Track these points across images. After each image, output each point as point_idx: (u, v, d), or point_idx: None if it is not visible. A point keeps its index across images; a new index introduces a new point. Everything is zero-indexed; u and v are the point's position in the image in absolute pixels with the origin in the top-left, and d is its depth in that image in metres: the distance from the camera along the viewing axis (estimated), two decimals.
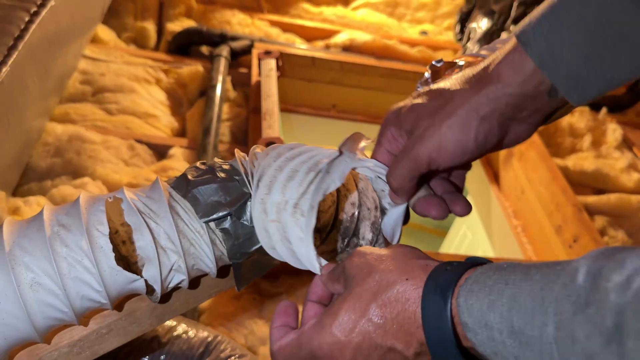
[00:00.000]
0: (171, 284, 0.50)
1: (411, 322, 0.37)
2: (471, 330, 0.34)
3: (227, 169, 0.51)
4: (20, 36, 1.11)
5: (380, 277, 0.39)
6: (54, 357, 0.53)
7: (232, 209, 0.48)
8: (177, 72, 1.65)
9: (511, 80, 0.42)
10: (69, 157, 1.28)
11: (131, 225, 0.48)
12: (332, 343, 0.40)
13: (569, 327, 0.29)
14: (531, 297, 0.31)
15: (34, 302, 0.46)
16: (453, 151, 0.44)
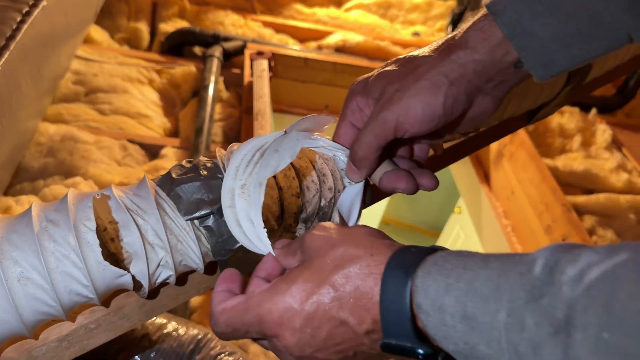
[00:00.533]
0: (159, 280, 0.50)
1: (368, 298, 0.36)
2: (424, 312, 0.33)
3: (210, 167, 0.51)
4: (12, 36, 1.11)
5: (344, 252, 0.38)
6: (43, 352, 0.53)
7: (214, 207, 0.49)
8: (170, 72, 1.66)
9: (479, 47, 0.42)
10: (61, 157, 1.29)
11: (119, 221, 0.49)
12: (284, 309, 0.38)
13: (520, 315, 0.29)
14: (487, 283, 0.31)
15: (22, 296, 0.46)
16: (422, 115, 0.43)
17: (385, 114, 0.44)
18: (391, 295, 0.35)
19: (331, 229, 0.41)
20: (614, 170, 1.78)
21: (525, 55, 0.41)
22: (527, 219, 1.61)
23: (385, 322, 0.35)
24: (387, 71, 0.46)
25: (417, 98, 0.43)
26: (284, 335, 0.39)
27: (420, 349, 0.34)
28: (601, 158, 1.85)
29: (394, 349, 0.36)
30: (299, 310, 0.38)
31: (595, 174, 1.74)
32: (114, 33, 1.84)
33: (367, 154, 0.46)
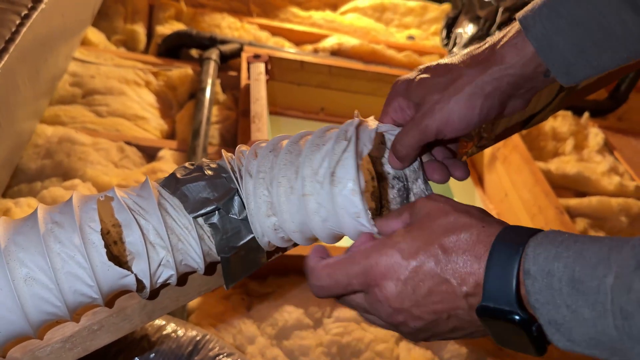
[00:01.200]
0: (160, 279, 0.51)
1: (475, 262, 0.38)
2: (531, 277, 0.35)
3: (214, 168, 0.53)
4: (11, 39, 1.12)
5: (456, 219, 0.41)
6: (47, 353, 0.54)
7: (219, 203, 0.50)
8: (167, 74, 1.67)
9: (514, 62, 0.47)
10: (59, 159, 1.29)
11: (121, 221, 0.50)
12: (392, 261, 0.40)
13: (628, 278, 0.31)
14: (597, 254, 0.33)
15: (28, 296, 0.47)
16: (459, 124, 0.48)
17: (428, 122, 0.49)
18: (500, 260, 0.37)
19: (443, 199, 0.44)
20: (606, 174, 1.81)
21: (552, 65, 0.46)
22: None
23: (488, 286, 0.37)
24: (428, 79, 0.50)
25: (455, 110, 0.48)
26: (386, 285, 0.41)
27: (518, 314, 0.36)
28: (593, 161, 1.87)
29: (490, 312, 0.37)
30: (405, 264, 0.40)
31: (587, 177, 1.76)
32: (111, 35, 1.84)
33: (409, 152, 0.51)
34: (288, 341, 1.06)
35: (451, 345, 1.15)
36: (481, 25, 2.28)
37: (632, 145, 2.00)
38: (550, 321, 0.35)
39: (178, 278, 0.53)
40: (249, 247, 0.52)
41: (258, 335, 1.05)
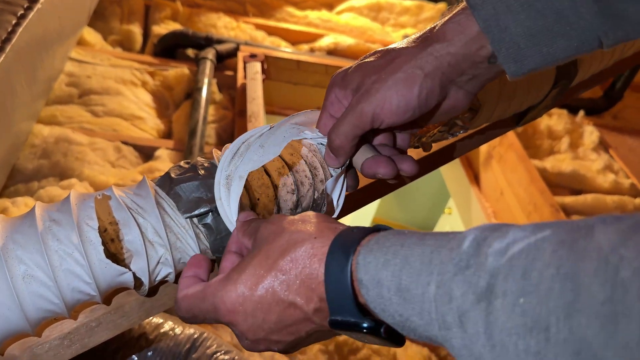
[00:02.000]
0: (158, 277, 0.52)
1: (313, 278, 0.38)
2: (365, 287, 0.35)
3: (208, 167, 0.53)
4: (7, 39, 1.12)
5: (290, 237, 0.40)
6: (45, 349, 0.54)
7: (212, 205, 0.50)
8: (163, 74, 1.67)
9: (455, 39, 0.43)
10: (55, 159, 1.30)
11: (119, 220, 0.50)
12: (235, 297, 0.40)
13: (448, 286, 0.31)
14: (421, 258, 0.33)
15: (27, 293, 0.48)
16: (397, 107, 0.45)
17: (362, 106, 0.46)
18: (333, 273, 0.37)
19: (281, 219, 0.43)
20: (601, 171, 1.82)
21: (498, 49, 0.42)
22: (516, 219, 1.64)
23: (329, 300, 0.37)
24: (365, 62, 0.47)
25: (392, 90, 0.44)
26: (237, 321, 0.41)
27: (363, 323, 0.36)
28: (588, 159, 1.88)
29: (341, 325, 0.37)
30: (249, 296, 0.40)
31: (582, 174, 1.77)
32: (107, 35, 1.85)
33: (344, 142, 0.48)
34: None
35: None
36: None
37: (627, 143, 2.01)
38: (392, 324, 0.35)
39: (176, 276, 0.54)
40: None
41: None
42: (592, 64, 0.85)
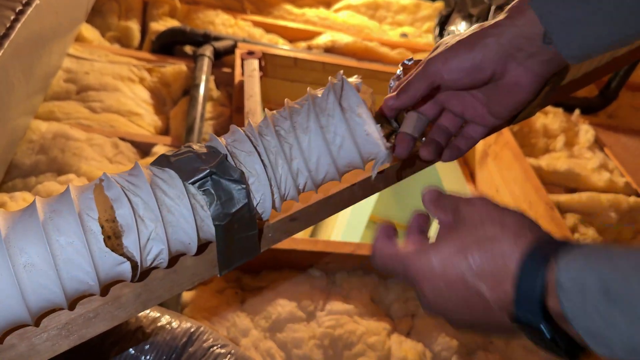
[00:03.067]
0: (150, 255, 0.52)
1: (505, 274, 0.40)
2: (563, 289, 0.36)
3: (202, 147, 0.56)
4: (5, 35, 1.12)
5: (494, 231, 0.42)
6: (43, 340, 0.55)
7: (211, 166, 0.52)
8: (161, 71, 1.68)
9: (515, 21, 0.49)
10: (53, 154, 1.30)
11: (111, 197, 0.51)
12: (428, 269, 0.44)
13: None
14: (630, 263, 0.34)
15: (28, 282, 0.48)
16: (454, 64, 0.52)
17: (429, 60, 0.54)
18: (529, 273, 0.39)
19: (484, 204, 0.46)
20: (596, 170, 1.83)
21: (552, 31, 0.48)
22: None
23: (518, 296, 0.39)
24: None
25: (453, 51, 0.52)
26: (423, 288, 0.45)
27: (544, 325, 0.38)
28: (584, 158, 1.89)
29: (521, 321, 0.39)
30: (440, 273, 0.43)
31: (577, 173, 1.78)
32: (105, 31, 1.85)
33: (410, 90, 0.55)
34: (281, 334, 1.07)
35: (442, 338, 1.17)
36: (473, 23, 2.30)
37: (622, 142, 2.02)
38: (586, 331, 0.36)
39: (170, 259, 0.54)
40: (242, 218, 0.54)
41: (252, 328, 1.07)
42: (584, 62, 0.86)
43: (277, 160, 0.57)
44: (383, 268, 0.50)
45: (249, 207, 0.55)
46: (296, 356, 1.04)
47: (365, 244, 1.24)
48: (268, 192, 0.57)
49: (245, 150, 0.57)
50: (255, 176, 0.57)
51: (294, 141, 0.57)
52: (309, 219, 0.70)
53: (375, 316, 1.17)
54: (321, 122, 0.56)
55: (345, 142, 0.56)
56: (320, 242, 1.22)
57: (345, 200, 0.71)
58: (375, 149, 0.56)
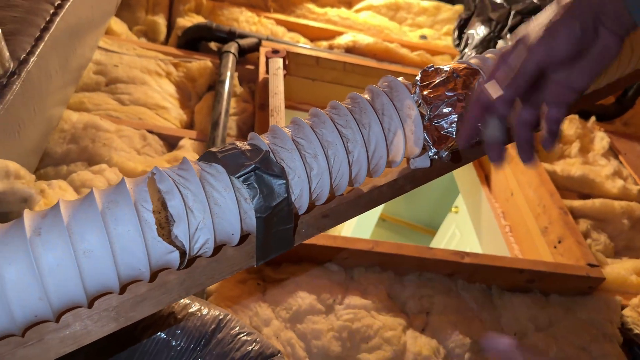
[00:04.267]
0: (198, 244, 0.56)
1: None
2: None
3: (246, 144, 0.60)
4: (46, 27, 1.17)
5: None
6: (95, 320, 0.60)
7: (255, 162, 0.56)
8: (187, 66, 1.72)
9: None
10: (84, 144, 1.35)
11: (163, 190, 0.55)
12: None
13: None
14: None
15: (86, 267, 0.53)
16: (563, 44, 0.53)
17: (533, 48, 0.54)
18: None
19: None
20: (610, 177, 1.85)
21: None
22: (524, 220, 1.68)
23: None
24: None
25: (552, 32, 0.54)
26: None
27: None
28: (598, 164, 1.92)
29: None
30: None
31: (591, 179, 1.80)
32: (132, 25, 1.89)
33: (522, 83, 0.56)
34: (301, 325, 1.11)
35: (455, 335, 1.21)
36: (493, 27, 2.32)
37: (637, 150, 2.04)
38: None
39: (214, 248, 0.59)
40: (281, 211, 0.58)
41: (273, 318, 1.11)
42: (608, 72, 0.89)
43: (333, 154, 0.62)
44: None
45: (288, 202, 0.59)
46: (315, 347, 1.08)
47: (382, 242, 1.28)
48: (306, 188, 0.61)
49: (286, 148, 0.61)
50: (295, 172, 0.61)
51: (355, 135, 0.63)
52: (340, 216, 0.74)
53: (391, 312, 1.20)
54: (380, 119, 0.64)
55: (397, 137, 0.64)
56: (339, 238, 1.26)
57: (375, 199, 0.75)
58: (417, 148, 0.63)
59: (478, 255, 1.33)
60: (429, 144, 0.68)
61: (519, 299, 1.37)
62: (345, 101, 0.68)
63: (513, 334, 1.31)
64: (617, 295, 1.46)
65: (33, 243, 0.51)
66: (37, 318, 0.53)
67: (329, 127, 0.64)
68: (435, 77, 0.71)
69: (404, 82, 0.70)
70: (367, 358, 1.09)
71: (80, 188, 1.13)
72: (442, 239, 3.58)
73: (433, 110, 0.67)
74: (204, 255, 0.60)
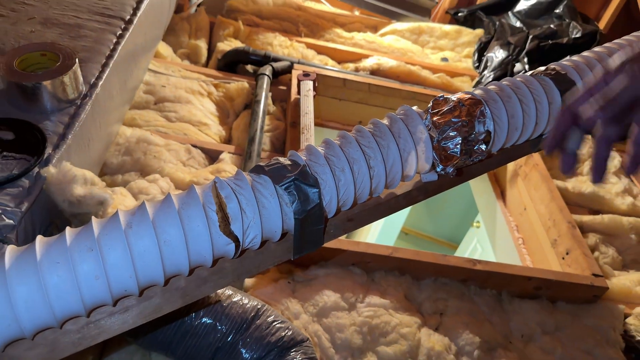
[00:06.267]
0: (248, 238, 0.71)
1: None
2: None
3: (288, 160, 0.75)
4: (110, 55, 1.35)
5: None
6: (167, 298, 0.75)
7: (295, 174, 0.71)
8: (226, 87, 1.89)
9: None
10: (137, 156, 1.52)
11: (224, 195, 0.70)
12: None
13: None
14: None
15: (166, 254, 0.68)
16: None
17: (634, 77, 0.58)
18: None
19: None
20: (620, 194, 1.95)
21: None
22: (536, 233, 1.80)
23: None
24: None
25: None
26: None
27: None
28: (609, 182, 2.02)
29: None
30: None
31: (601, 196, 1.91)
32: (177, 49, 2.08)
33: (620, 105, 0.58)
34: (327, 319, 1.26)
35: (466, 334, 1.34)
36: (511, 51, 2.45)
37: None
38: None
39: (261, 242, 0.74)
40: (314, 214, 0.73)
41: (302, 313, 1.25)
42: None
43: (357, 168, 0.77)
44: None
45: (320, 206, 0.74)
46: (339, 339, 1.22)
47: (401, 248, 1.42)
48: (335, 196, 0.76)
49: (319, 163, 0.76)
50: (326, 182, 0.76)
51: (376, 154, 0.78)
52: (362, 220, 0.88)
53: (408, 311, 1.34)
54: (396, 140, 0.79)
55: (411, 156, 0.78)
56: (362, 244, 1.40)
57: (392, 207, 0.90)
58: (427, 165, 0.79)
59: (489, 263, 1.45)
60: (437, 162, 0.82)
61: (527, 305, 1.48)
62: (368, 126, 0.83)
63: (521, 337, 1.43)
64: (622, 305, 1.56)
65: (127, 234, 0.67)
66: (127, 292, 0.69)
67: (354, 146, 0.79)
68: (444, 105, 0.85)
69: (418, 110, 0.84)
70: (384, 350, 1.23)
71: (138, 194, 1.30)
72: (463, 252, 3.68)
73: (441, 133, 0.82)
74: (252, 248, 0.76)
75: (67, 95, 1.13)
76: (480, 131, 0.84)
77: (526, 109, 0.91)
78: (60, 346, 0.68)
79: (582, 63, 1.01)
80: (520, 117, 0.90)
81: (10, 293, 0.60)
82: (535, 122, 0.92)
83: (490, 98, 0.88)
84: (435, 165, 0.84)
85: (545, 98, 0.93)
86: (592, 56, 1.04)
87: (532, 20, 2.64)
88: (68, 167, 1.02)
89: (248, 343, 1.02)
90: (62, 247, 0.63)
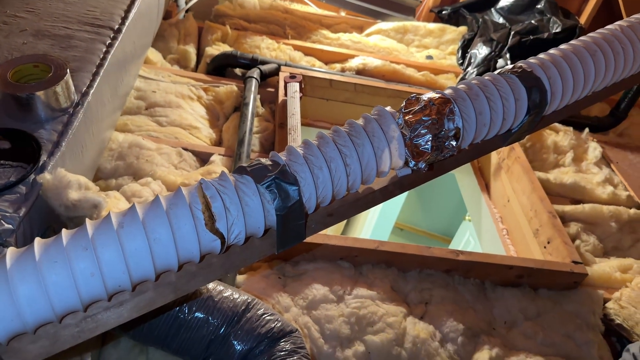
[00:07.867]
0: (233, 235, 0.77)
1: None
2: None
3: (269, 161, 0.80)
4: (100, 64, 1.40)
5: None
6: (159, 292, 0.80)
7: (275, 173, 0.76)
8: (215, 90, 1.94)
9: None
10: (129, 160, 1.57)
11: (209, 195, 0.76)
12: None
13: None
14: None
15: (156, 251, 0.74)
16: None
17: None
18: None
19: None
20: (601, 184, 2.01)
21: None
22: (519, 224, 1.86)
23: None
24: None
25: None
26: None
27: None
28: (590, 172, 2.08)
29: None
30: None
31: (582, 186, 1.97)
32: (166, 54, 2.13)
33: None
34: (316, 311, 1.31)
35: (450, 322, 1.39)
36: (494, 47, 2.51)
37: (629, 158, 2.20)
38: None
39: (245, 238, 0.79)
40: (295, 210, 0.78)
41: (292, 306, 1.31)
42: (565, 96, 1.08)
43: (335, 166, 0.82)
44: None
45: (300, 203, 0.80)
46: (328, 329, 1.28)
47: (387, 242, 1.47)
48: (314, 193, 0.82)
49: (299, 162, 0.82)
50: (305, 180, 0.81)
51: (351, 152, 0.83)
52: (342, 215, 0.94)
53: (394, 302, 1.40)
54: (370, 139, 0.84)
55: (384, 154, 0.83)
56: (350, 239, 1.46)
57: (370, 201, 0.95)
58: (400, 161, 0.83)
59: (472, 254, 1.51)
60: (410, 158, 0.88)
61: (510, 293, 1.54)
62: (344, 126, 0.89)
63: (504, 323, 1.49)
64: (602, 290, 1.62)
65: (119, 233, 0.72)
66: (120, 287, 0.74)
67: (331, 146, 0.84)
68: (416, 105, 0.90)
69: (391, 110, 0.90)
70: (372, 339, 1.28)
71: (131, 198, 1.36)
72: (457, 245, 3.74)
73: (413, 131, 0.87)
74: (237, 244, 0.81)
75: (60, 105, 1.18)
76: (449, 128, 0.89)
77: (493, 105, 0.96)
78: (60, 339, 0.73)
79: (548, 60, 1.07)
80: (487, 113, 0.95)
81: (12, 291, 0.66)
82: (503, 118, 0.98)
83: (458, 97, 0.94)
84: (408, 161, 0.89)
85: (511, 95, 0.99)
86: (557, 53, 1.10)
87: (515, 16, 2.70)
88: (63, 173, 1.07)
89: (239, 335, 1.07)
90: (59, 248, 0.69)
